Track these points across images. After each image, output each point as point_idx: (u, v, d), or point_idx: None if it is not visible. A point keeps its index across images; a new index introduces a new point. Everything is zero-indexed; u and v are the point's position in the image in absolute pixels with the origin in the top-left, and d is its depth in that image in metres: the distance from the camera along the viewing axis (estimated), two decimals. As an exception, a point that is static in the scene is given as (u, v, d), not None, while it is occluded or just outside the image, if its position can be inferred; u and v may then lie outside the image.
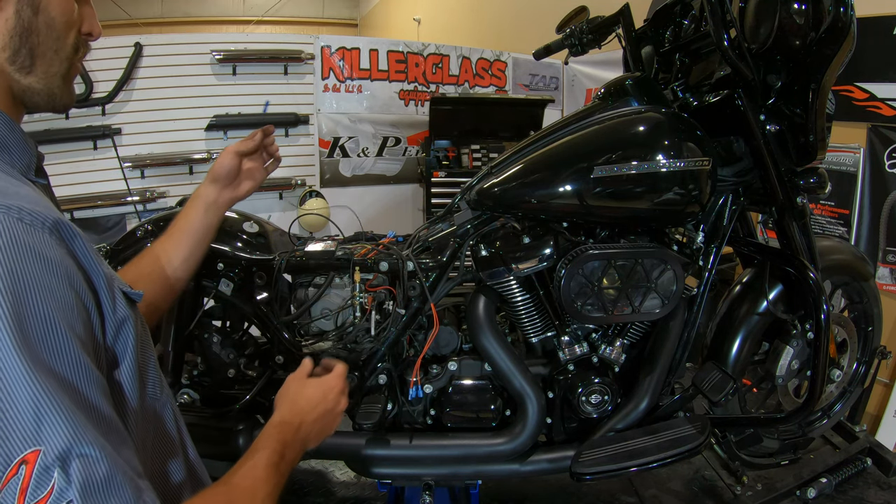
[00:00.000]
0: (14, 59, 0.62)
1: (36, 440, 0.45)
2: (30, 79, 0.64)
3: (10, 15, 0.61)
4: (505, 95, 4.10)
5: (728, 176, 1.39)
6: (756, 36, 1.21)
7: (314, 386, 0.97)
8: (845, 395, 1.77)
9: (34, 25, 0.62)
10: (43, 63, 0.65)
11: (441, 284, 1.40)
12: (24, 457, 0.44)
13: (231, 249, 1.45)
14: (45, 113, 0.69)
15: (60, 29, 0.65)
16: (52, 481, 0.45)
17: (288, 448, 0.81)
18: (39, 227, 0.52)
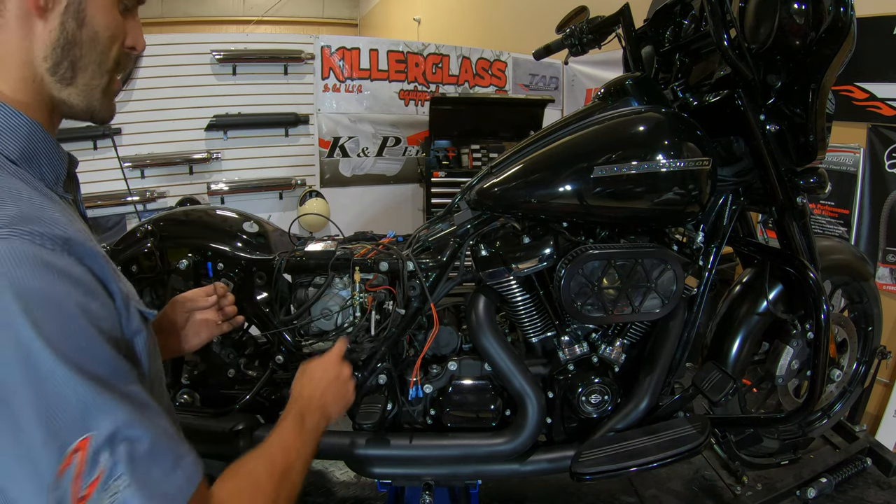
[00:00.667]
0: (55, 70, 0.62)
1: (85, 429, 0.50)
2: (69, 90, 0.64)
3: (54, 26, 0.60)
4: (505, 95, 4.10)
5: (728, 176, 1.39)
6: (756, 36, 1.21)
7: (315, 364, 1.09)
8: (845, 395, 1.77)
9: (78, 38, 0.62)
10: (84, 76, 0.64)
11: (441, 284, 1.40)
12: (76, 445, 0.49)
13: (231, 249, 1.45)
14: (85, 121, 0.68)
15: (104, 43, 0.64)
16: (101, 463, 0.50)
17: (307, 415, 0.94)
18: (60, 248, 0.54)
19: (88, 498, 0.50)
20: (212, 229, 1.51)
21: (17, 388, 0.48)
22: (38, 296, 0.50)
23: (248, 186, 3.41)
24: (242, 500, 0.69)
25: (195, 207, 1.94)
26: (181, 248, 1.46)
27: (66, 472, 0.49)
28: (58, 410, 0.49)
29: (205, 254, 1.45)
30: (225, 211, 1.61)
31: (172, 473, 0.56)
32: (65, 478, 0.49)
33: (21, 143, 0.60)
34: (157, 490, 0.54)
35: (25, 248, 0.51)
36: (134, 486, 0.52)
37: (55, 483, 0.49)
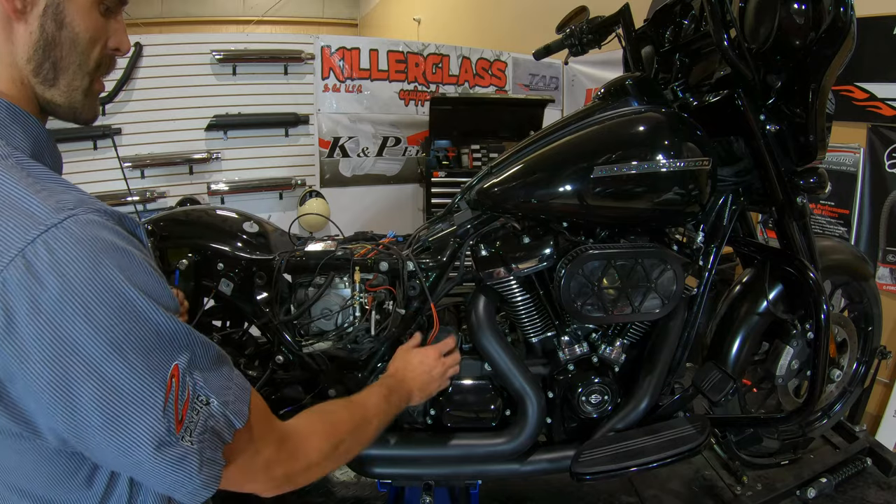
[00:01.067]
0: (38, 71, 0.63)
1: (173, 357, 0.59)
2: (52, 92, 0.65)
3: (34, 28, 0.61)
4: (505, 95, 4.10)
5: (728, 176, 1.39)
6: (756, 36, 1.21)
7: (416, 352, 1.28)
8: (845, 395, 1.77)
9: (58, 39, 0.63)
10: (66, 77, 0.65)
11: (441, 284, 1.40)
12: (171, 372, 0.58)
13: (231, 249, 1.45)
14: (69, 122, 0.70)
15: (84, 44, 0.65)
16: (188, 385, 0.60)
17: (393, 393, 1.11)
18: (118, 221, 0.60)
19: (185, 419, 0.59)
20: (212, 229, 1.51)
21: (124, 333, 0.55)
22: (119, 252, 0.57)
23: (248, 186, 3.40)
24: (317, 431, 0.82)
25: (195, 207, 1.94)
26: (181, 248, 1.46)
27: (169, 398, 0.57)
28: (156, 345, 0.57)
29: (205, 254, 1.45)
30: (225, 211, 1.61)
31: (231, 381, 0.67)
32: (169, 403, 0.57)
33: (31, 140, 0.63)
34: (227, 398, 0.64)
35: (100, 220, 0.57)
36: (213, 399, 0.62)
37: (164, 410, 0.56)
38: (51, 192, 0.56)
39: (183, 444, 0.58)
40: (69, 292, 0.52)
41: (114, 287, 0.55)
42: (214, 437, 0.62)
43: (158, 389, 0.56)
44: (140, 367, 0.56)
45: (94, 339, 0.53)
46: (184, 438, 0.58)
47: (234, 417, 0.64)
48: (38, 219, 0.53)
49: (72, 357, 0.52)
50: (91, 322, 0.53)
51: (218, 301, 1.48)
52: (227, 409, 0.64)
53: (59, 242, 0.52)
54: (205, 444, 0.60)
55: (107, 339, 0.54)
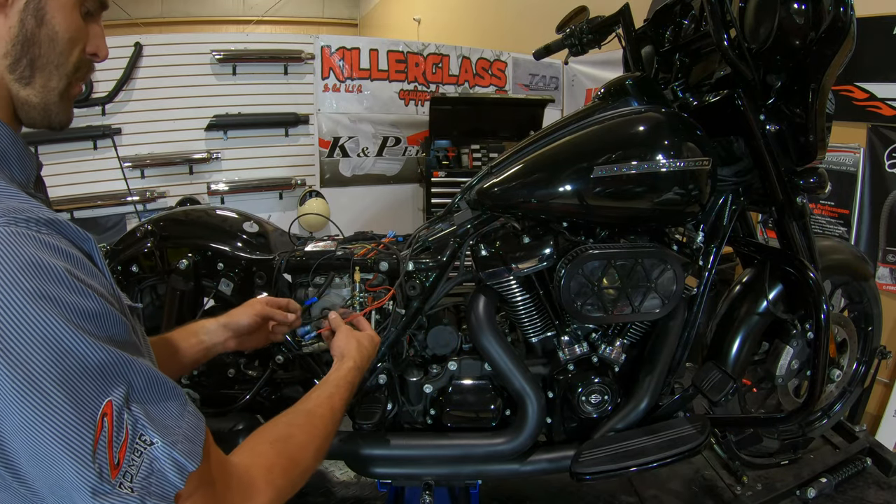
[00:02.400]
0: (14, 67, 0.62)
1: (106, 393, 0.52)
2: (27, 91, 0.63)
3: (13, 23, 0.60)
4: (505, 95, 4.10)
5: (728, 176, 1.39)
6: (756, 36, 1.21)
7: (369, 338, 1.16)
8: (845, 395, 1.77)
9: (37, 37, 0.62)
10: (42, 76, 0.64)
11: (441, 284, 1.40)
12: (102, 410, 0.51)
13: (231, 249, 1.45)
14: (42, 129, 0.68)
15: (63, 44, 0.64)
16: (125, 423, 0.53)
17: (355, 386, 1.02)
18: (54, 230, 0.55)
19: (122, 463, 0.52)
20: (212, 229, 1.51)
21: (42, 364, 0.49)
22: (45, 270, 0.51)
23: (248, 186, 3.41)
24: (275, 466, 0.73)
25: (195, 207, 1.94)
26: (181, 248, 1.46)
27: (100, 440, 0.51)
28: (81, 380, 0.51)
29: (205, 254, 1.45)
30: (225, 211, 1.62)
31: (182, 419, 0.60)
32: (100, 446, 0.51)
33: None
34: (176, 437, 0.57)
35: (27, 232, 0.52)
36: (157, 438, 0.55)
37: (94, 454, 0.50)
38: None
39: (121, 493, 0.51)
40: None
41: (31, 313, 0.49)
42: (161, 483, 0.54)
43: (86, 431, 0.50)
44: (62, 406, 0.49)
45: (8, 373, 0.48)
46: (122, 485, 0.51)
47: (184, 459, 0.56)
48: None
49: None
50: (3, 353, 0.48)
51: (218, 301, 1.48)
52: (176, 450, 0.56)
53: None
54: (149, 491, 0.53)
55: (22, 374, 0.48)
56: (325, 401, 0.90)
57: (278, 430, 0.80)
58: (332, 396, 0.92)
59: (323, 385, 0.96)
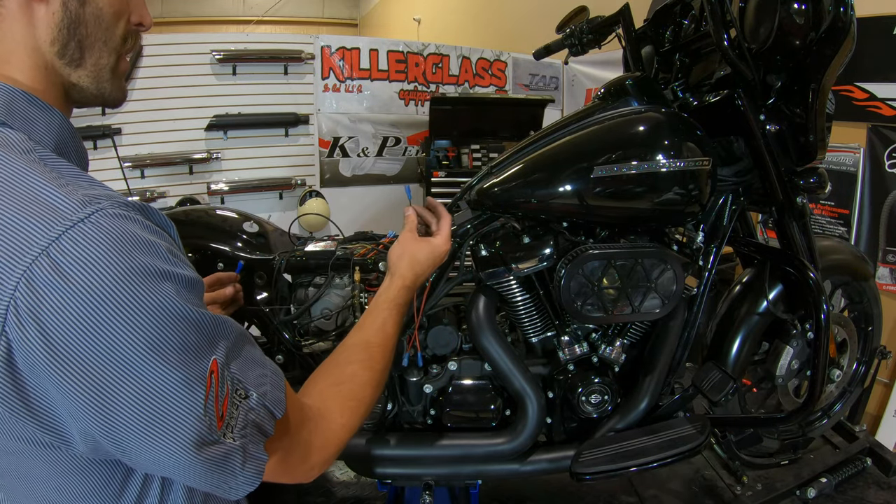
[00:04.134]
0: (63, 52, 0.61)
1: (211, 353, 0.57)
2: (79, 72, 0.63)
3: (56, 8, 0.60)
4: (505, 95, 4.10)
5: (728, 176, 1.39)
6: (756, 36, 1.21)
7: (428, 248, 1.09)
8: (845, 395, 1.77)
9: (82, 17, 0.61)
10: (92, 55, 0.63)
11: (441, 284, 1.40)
12: (210, 367, 0.56)
13: (231, 249, 1.45)
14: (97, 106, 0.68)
15: (109, 19, 0.64)
16: (227, 380, 0.57)
17: (405, 306, 1.01)
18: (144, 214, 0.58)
19: (226, 415, 0.56)
20: (212, 229, 1.51)
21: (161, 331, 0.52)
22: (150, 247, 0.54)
23: (248, 186, 3.41)
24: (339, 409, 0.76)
25: (195, 207, 1.94)
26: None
27: (209, 396, 0.55)
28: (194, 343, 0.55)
29: (205, 254, 1.45)
30: (225, 211, 1.61)
31: (266, 369, 0.64)
32: (210, 400, 0.55)
33: (55, 135, 0.61)
34: (265, 388, 0.62)
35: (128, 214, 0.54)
36: (251, 391, 0.60)
37: (205, 408, 0.54)
38: (76, 186, 0.53)
39: (226, 442, 0.56)
40: (101, 291, 0.49)
41: (147, 284, 0.52)
42: (256, 432, 0.60)
43: (199, 387, 0.54)
44: (179, 366, 0.53)
45: (130, 339, 0.51)
46: (226, 435, 0.56)
47: (273, 408, 0.62)
48: (63, 214, 0.50)
49: (107, 359, 0.50)
50: (126, 322, 0.50)
51: (218, 301, 1.48)
52: (266, 400, 0.61)
53: (88, 238, 0.49)
54: (247, 440, 0.58)
55: (143, 339, 0.51)
56: (378, 329, 0.92)
57: (340, 370, 0.83)
58: (385, 323, 0.93)
59: (374, 310, 0.96)
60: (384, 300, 0.99)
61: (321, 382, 0.80)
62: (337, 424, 0.75)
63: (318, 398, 0.76)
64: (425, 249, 1.08)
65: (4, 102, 0.57)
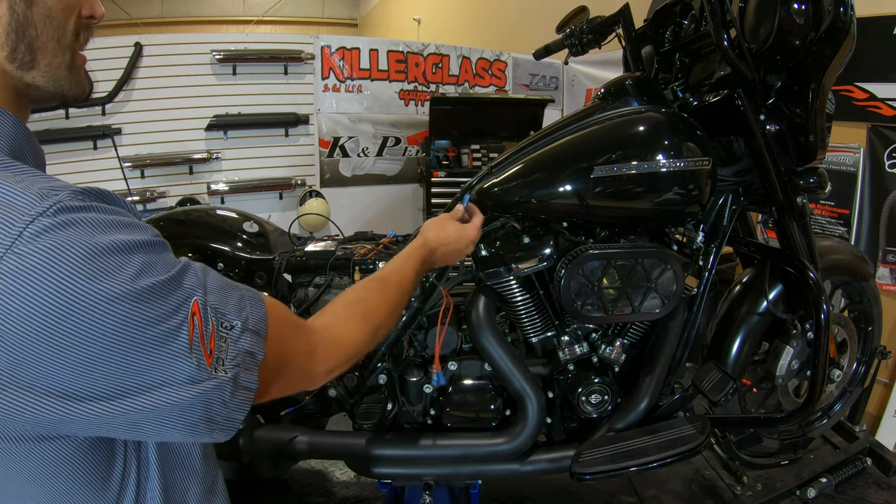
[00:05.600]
0: (13, 56, 0.60)
1: (191, 294, 0.56)
2: (33, 74, 0.62)
3: (3, 12, 0.58)
4: (505, 95, 4.10)
5: (728, 176, 1.39)
6: (756, 36, 1.21)
7: (458, 228, 1.18)
8: (845, 395, 1.77)
9: (30, 18, 0.59)
10: (45, 56, 0.62)
11: (441, 284, 1.40)
12: (192, 309, 0.56)
13: (231, 249, 1.45)
14: (54, 110, 0.68)
15: (59, 17, 0.62)
16: (210, 317, 0.57)
17: (424, 266, 1.07)
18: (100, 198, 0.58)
19: (214, 352, 0.57)
20: (212, 229, 1.51)
21: (137, 292, 0.52)
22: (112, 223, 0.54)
23: (248, 186, 3.41)
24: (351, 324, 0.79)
25: (195, 207, 1.94)
26: (181, 248, 1.46)
27: (194, 336, 0.55)
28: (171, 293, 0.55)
29: (205, 254, 1.45)
30: (225, 211, 1.62)
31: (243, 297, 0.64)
32: (195, 341, 0.55)
33: (9, 139, 0.59)
34: (247, 314, 0.62)
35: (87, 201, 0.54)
36: (235, 321, 0.60)
37: (191, 348, 0.54)
38: (31, 182, 0.53)
39: (218, 376, 0.57)
40: (71, 276, 0.50)
41: (116, 259, 0.52)
42: (247, 359, 0.60)
43: (182, 332, 0.55)
44: (159, 318, 0.53)
45: (108, 306, 0.51)
46: (217, 370, 0.57)
47: (257, 328, 0.63)
48: (22, 210, 0.50)
49: (90, 331, 0.50)
50: (101, 299, 0.50)
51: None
52: (250, 325, 0.62)
53: (49, 230, 0.50)
54: (239, 368, 0.59)
55: (120, 303, 0.51)
56: (396, 269, 0.98)
57: (353, 293, 0.86)
58: (403, 266, 1.00)
59: (396, 257, 1.03)
60: (407, 250, 1.06)
61: (334, 304, 0.83)
62: (344, 335, 0.78)
63: (328, 315, 0.79)
64: (457, 228, 1.18)
65: None
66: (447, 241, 1.14)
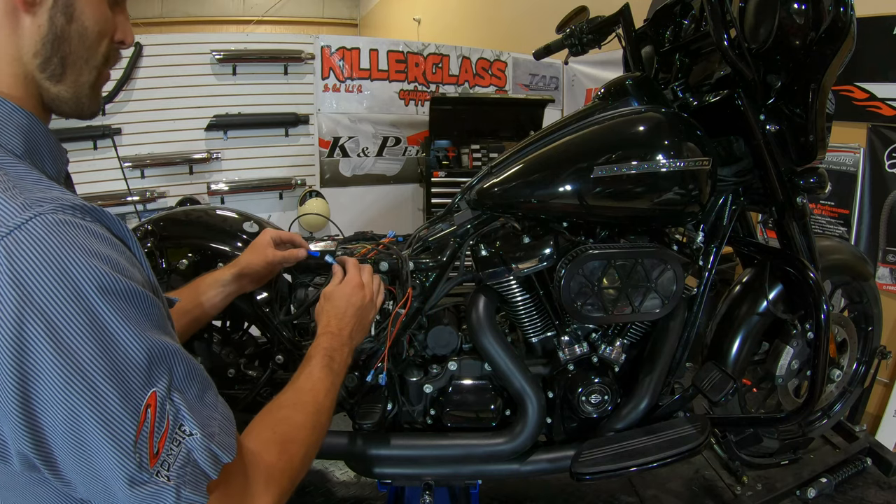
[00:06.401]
0: (45, 66, 0.61)
1: (151, 384, 0.53)
2: (59, 87, 0.63)
3: (42, 21, 0.59)
4: (505, 95, 4.10)
5: (728, 176, 1.39)
6: (756, 36, 1.21)
7: (341, 291, 1.11)
8: (845, 395, 1.77)
9: (67, 33, 0.61)
10: (73, 72, 0.63)
11: (441, 284, 1.40)
12: (147, 401, 0.52)
13: (231, 249, 1.45)
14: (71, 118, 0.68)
15: (93, 38, 0.63)
16: (167, 414, 0.54)
17: (335, 351, 0.98)
18: (96, 219, 0.56)
19: (161, 452, 0.53)
20: (212, 229, 1.51)
21: (92, 356, 0.49)
22: (93, 259, 0.51)
23: (248, 186, 3.41)
24: (277, 450, 0.72)
25: (195, 207, 1.94)
26: (181, 248, 1.46)
27: (143, 431, 0.51)
28: (129, 372, 0.51)
29: (205, 254, 1.45)
30: (225, 211, 1.61)
31: (216, 410, 0.61)
32: (142, 436, 0.51)
33: (24, 137, 0.60)
34: (213, 429, 0.58)
35: (73, 220, 0.52)
36: (196, 429, 0.56)
37: (135, 444, 0.51)
38: (22, 189, 0.51)
39: (158, 481, 0.52)
40: (29, 308, 0.47)
41: (82, 302, 0.49)
42: (197, 472, 0.56)
43: (130, 422, 0.51)
44: (109, 397, 0.50)
45: (57, 363, 0.48)
46: (159, 474, 0.52)
47: (220, 451, 0.58)
48: (1, 220, 0.48)
49: (34, 381, 0.47)
50: (53, 344, 0.48)
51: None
52: (213, 442, 0.57)
53: (21, 247, 0.47)
54: (184, 480, 0.54)
55: (71, 364, 0.48)
56: (306, 376, 0.90)
57: (274, 415, 0.80)
58: (311, 372, 0.91)
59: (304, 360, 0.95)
60: (310, 349, 0.98)
61: (258, 426, 0.76)
62: (277, 469, 0.70)
63: (256, 442, 0.72)
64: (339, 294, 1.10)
65: None
66: (337, 313, 1.07)
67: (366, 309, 1.12)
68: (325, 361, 0.94)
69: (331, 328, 1.04)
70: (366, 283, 1.14)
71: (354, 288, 1.12)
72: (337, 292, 1.10)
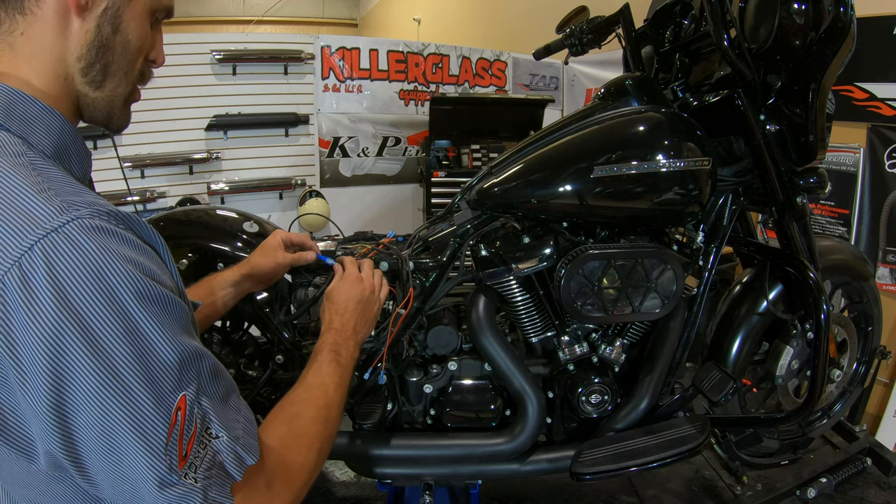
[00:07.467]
0: (87, 71, 0.62)
1: (181, 388, 0.54)
2: (97, 94, 0.64)
3: (90, 27, 0.61)
4: (505, 95, 4.10)
5: (728, 176, 1.39)
6: (756, 36, 1.21)
7: (340, 287, 1.12)
8: (845, 395, 1.77)
9: (111, 43, 0.63)
10: (112, 82, 0.65)
11: (441, 284, 1.40)
12: (178, 403, 0.53)
13: (231, 249, 1.45)
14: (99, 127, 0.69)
15: (133, 52, 0.65)
16: (196, 417, 0.55)
17: (341, 346, 0.99)
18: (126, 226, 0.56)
19: (189, 455, 0.54)
20: (212, 229, 1.51)
21: (126, 359, 0.50)
22: (128, 265, 0.52)
23: (248, 186, 3.41)
24: (293, 447, 0.73)
25: (195, 207, 1.94)
26: (181, 248, 1.46)
27: (173, 434, 0.52)
28: (161, 376, 0.53)
29: (205, 254, 1.45)
30: (225, 211, 1.61)
31: (240, 413, 0.62)
32: (172, 439, 0.52)
33: (55, 139, 0.61)
34: (238, 432, 0.59)
35: (108, 227, 0.53)
36: (223, 432, 0.57)
37: (166, 447, 0.52)
38: (57, 192, 0.52)
39: (186, 483, 0.53)
40: (66, 311, 0.48)
41: (118, 307, 0.50)
42: (222, 474, 0.57)
43: (162, 424, 0.52)
44: (142, 400, 0.51)
45: (93, 365, 0.49)
46: (187, 476, 0.53)
47: (244, 453, 0.59)
48: (38, 222, 0.49)
49: (68, 382, 0.48)
50: (89, 347, 0.49)
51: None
52: (238, 444, 0.59)
53: (59, 251, 0.48)
54: (211, 482, 0.55)
55: (106, 367, 0.49)
56: (314, 372, 0.92)
57: (287, 410, 0.81)
58: (319, 368, 0.93)
59: (312, 356, 0.96)
60: (316, 346, 1.00)
61: (273, 423, 0.77)
62: (295, 465, 0.71)
63: (273, 439, 0.72)
64: (342, 288, 1.12)
65: (3, 104, 0.57)
66: (339, 309, 1.08)
67: (367, 302, 1.12)
68: (332, 356, 0.95)
69: (334, 324, 1.05)
70: (364, 277, 1.15)
71: (353, 282, 1.12)
72: (336, 289, 1.12)
